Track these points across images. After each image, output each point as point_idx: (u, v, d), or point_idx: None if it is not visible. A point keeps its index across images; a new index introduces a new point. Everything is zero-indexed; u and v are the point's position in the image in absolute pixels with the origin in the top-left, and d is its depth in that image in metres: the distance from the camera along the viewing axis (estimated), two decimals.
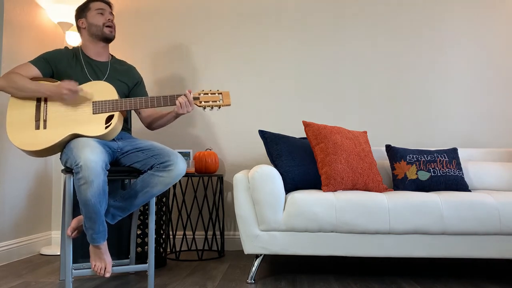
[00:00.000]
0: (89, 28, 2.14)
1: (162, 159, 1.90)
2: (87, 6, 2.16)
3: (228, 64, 3.09)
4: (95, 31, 2.13)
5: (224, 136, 3.05)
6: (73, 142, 1.83)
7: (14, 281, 2.14)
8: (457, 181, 2.41)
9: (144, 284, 2.08)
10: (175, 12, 3.14)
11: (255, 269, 2.12)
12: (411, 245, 2.06)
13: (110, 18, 2.16)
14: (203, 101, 2.04)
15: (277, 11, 3.11)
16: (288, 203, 2.10)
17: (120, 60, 2.28)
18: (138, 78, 2.28)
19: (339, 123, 3.02)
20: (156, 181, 1.88)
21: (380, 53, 3.05)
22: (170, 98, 2.01)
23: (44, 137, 1.89)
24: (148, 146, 1.98)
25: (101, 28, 2.12)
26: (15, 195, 2.67)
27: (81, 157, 1.71)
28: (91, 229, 1.79)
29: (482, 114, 2.99)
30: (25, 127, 1.91)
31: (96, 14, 2.13)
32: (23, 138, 1.89)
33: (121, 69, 2.22)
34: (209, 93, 2.05)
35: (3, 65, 2.57)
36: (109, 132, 1.93)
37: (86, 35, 2.16)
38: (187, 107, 2.01)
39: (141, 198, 1.90)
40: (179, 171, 1.88)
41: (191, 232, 2.97)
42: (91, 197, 1.71)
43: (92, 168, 1.69)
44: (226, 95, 2.05)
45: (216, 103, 2.04)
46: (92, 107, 1.95)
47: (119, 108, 1.96)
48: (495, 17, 3.04)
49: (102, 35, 2.13)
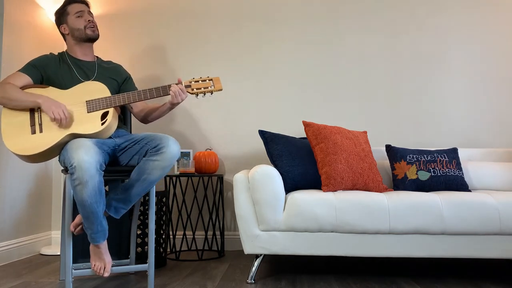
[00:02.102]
0: (71, 32, 2.16)
1: (154, 143, 1.91)
2: (65, 11, 2.17)
3: (228, 64, 3.09)
4: (78, 35, 2.15)
5: (224, 136, 3.05)
6: (69, 143, 1.83)
7: (14, 281, 2.14)
8: (457, 181, 2.41)
9: (144, 284, 2.08)
10: (172, 10, 3.14)
11: (255, 269, 2.12)
12: (411, 245, 2.06)
13: (89, 19, 2.17)
14: (195, 88, 2.06)
15: (276, 11, 3.11)
16: (288, 203, 2.10)
17: (106, 61, 2.32)
18: (126, 74, 2.31)
19: (339, 123, 3.03)
20: (152, 166, 1.88)
21: (380, 53, 3.05)
22: (162, 89, 2.03)
23: (42, 140, 1.89)
24: (142, 136, 2.01)
25: (83, 31, 2.15)
26: (15, 195, 2.67)
27: (75, 158, 1.71)
28: (90, 229, 1.80)
29: (482, 114, 2.99)
30: (21, 133, 1.90)
31: (76, 18, 2.15)
32: (20, 144, 1.88)
33: (109, 67, 2.25)
34: (199, 80, 2.07)
35: (3, 65, 2.57)
36: (106, 128, 1.94)
37: (71, 39, 2.18)
38: (180, 95, 2.02)
39: (140, 186, 1.90)
40: (172, 153, 1.89)
41: (191, 232, 2.97)
42: (87, 197, 1.71)
43: (86, 169, 1.69)
44: (216, 80, 2.07)
45: (208, 89, 2.06)
46: (86, 106, 1.97)
47: (113, 104, 1.97)
48: (496, 17, 3.04)
49: (86, 36, 2.16)
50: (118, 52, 3.12)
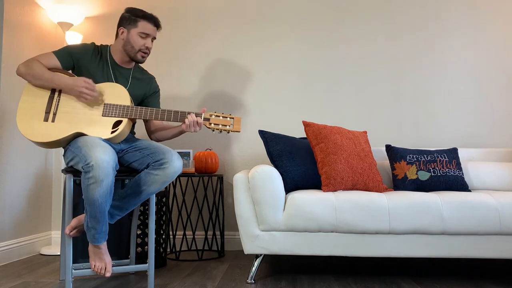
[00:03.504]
0: (125, 42, 2.07)
1: (157, 157, 1.89)
2: (135, 21, 2.06)
3: (228, 65, 3.09)
4: (129, 50, 2.07)
5: (224, 136, 3.05)
6: (80, 140, 1.82)
7: (14, 281, 2.14)
8: (457, 181, 2.41)
9: (144, 284, 2.08)
10: (174, 11, 3.14)
11: (255, 269, 2.12)
12: (411, 245, 2.06)
13: (149, 46, 2.08)
14: (213, 123, 2.02)
15: (277, 11, 3.11)
16: (288, 203, 2.10)
17: (142, 69, 2.25)
18: (155, 88, 2.25)
19: (339, 123, 3.03)
20: (152, 180, 1.88)
21: (380, 53, 3.05)
22: (181, 115, 1.99)
23: (50, 130, 1.88)
24: (145, 145, 1.98)
25: (135, 51, 2.07)
26: (15, 195, 2.67)
27: (93, 156, 1.70)
28: (94, 229, 1.79)
29: (482, 114, 2.99)
30: (34, 116, 1.90)
31: (138, 36, 2.06)
32: (29, 128, 1.88)
33: (142, 78, 2.19)
34: (221, 116, 2.03)
35: (3, 65, 2.57)
36: (115, 137, 1.92)
37: (120, 45, 2.09)
38: (194, 127, 1.99)
39: (138, 197, 1.90)
40: (174, 168, 1.88)
41: (191, 232, 2.97)
42: (99, 196, 1.71)
43: (104, 168, 1.69)
44: (237, 121, 2.03)
45: (226, 127, 2.02)
46: (102, 109, 1.94)
47: (129, 115, 1.94)
48: (495, 17, 3.04)
49: (133, 57, 2.09)
50: None
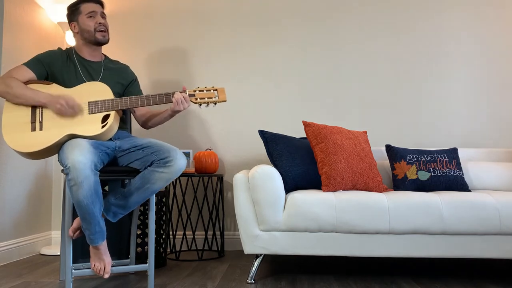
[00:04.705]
0: (81, 32, 2.11)
1: (162, 155, 1.90)
2: (77, 9, 2.11)
3: (228, 65, 3.09)
4: (87, 36, 2.10)
5: (224, 136, 3.05)
6: (66, 143, 1.82)
7: (14, 281, 2.14)
8: (457, 181, 2.41)
9: (144, 284, 2.08)
10: (174, 12, 3.14)
11: (255, 269, 2.12)
12: (411, 245, 2.06)
13: (101, 21, 2.11)
14: (199, 97, 2.04)
15: (277, 12, 3.11)
16: (288, 203, 2.10)
17: (113, 60, 2.27)
18: (133, 76, 2.27)
19: (339, 123, 3.02)
20: (157, 177, 1.88)
21: (380, 53, 3.05)
22: (166, 96, 2.01)
23: (41, 138, 1.88)
24: (147, 143, 1.98)
25: (93, 34, 2.09)
26: (15, 195, 2.67)
27: (69, 158, 1.70)
28: (88, 230, 1.79)
29: (482, 114, 2.99)
30: (21, 129, 1.90)
31: (87, 18, 2.09)
32: (19, 140, 1.88)
33: (115, 68, 2.21)
34: (204, 90, 2.06)
35: (3, 65, 2.57)
36: (106, 131, 1.93)
37: (79, 38, 2.13)
38: (183, 103, 2.01)
39: (142, 194, 1.90)
40: (179, 166, 1.89)
41: (191, 232, 2.97)
42: (83, 198, 1.71)
43: (80, 169, 1.69)
44: (221, 91, 2.06)
45: (212, 99, 2.05)
46: (88, 107, 1.95)
47: (115, 107, 1.96)
48: (495, 17, 3.04)
49: (95, 40, 2.11)
50: (130, 52, 3.12)
